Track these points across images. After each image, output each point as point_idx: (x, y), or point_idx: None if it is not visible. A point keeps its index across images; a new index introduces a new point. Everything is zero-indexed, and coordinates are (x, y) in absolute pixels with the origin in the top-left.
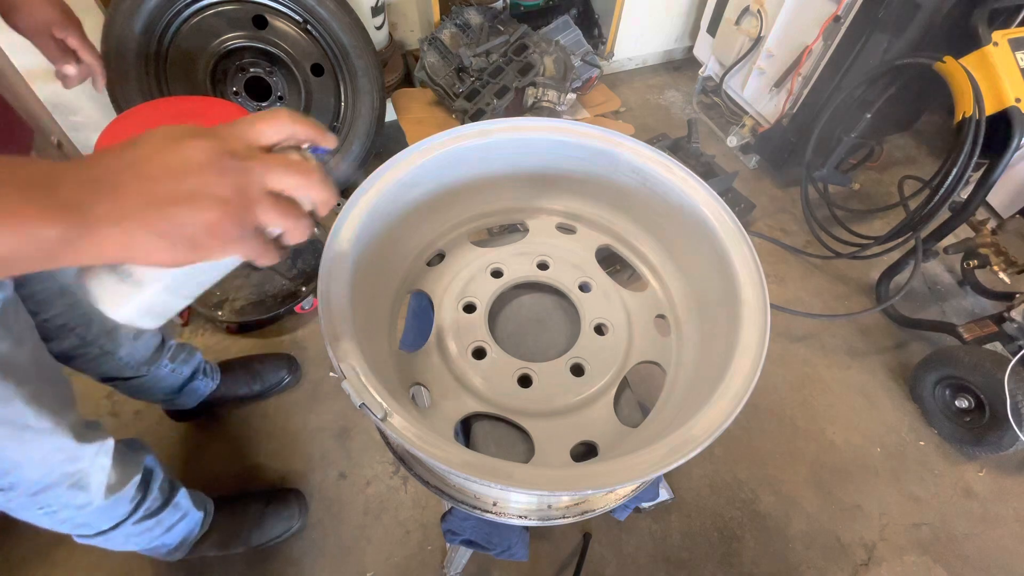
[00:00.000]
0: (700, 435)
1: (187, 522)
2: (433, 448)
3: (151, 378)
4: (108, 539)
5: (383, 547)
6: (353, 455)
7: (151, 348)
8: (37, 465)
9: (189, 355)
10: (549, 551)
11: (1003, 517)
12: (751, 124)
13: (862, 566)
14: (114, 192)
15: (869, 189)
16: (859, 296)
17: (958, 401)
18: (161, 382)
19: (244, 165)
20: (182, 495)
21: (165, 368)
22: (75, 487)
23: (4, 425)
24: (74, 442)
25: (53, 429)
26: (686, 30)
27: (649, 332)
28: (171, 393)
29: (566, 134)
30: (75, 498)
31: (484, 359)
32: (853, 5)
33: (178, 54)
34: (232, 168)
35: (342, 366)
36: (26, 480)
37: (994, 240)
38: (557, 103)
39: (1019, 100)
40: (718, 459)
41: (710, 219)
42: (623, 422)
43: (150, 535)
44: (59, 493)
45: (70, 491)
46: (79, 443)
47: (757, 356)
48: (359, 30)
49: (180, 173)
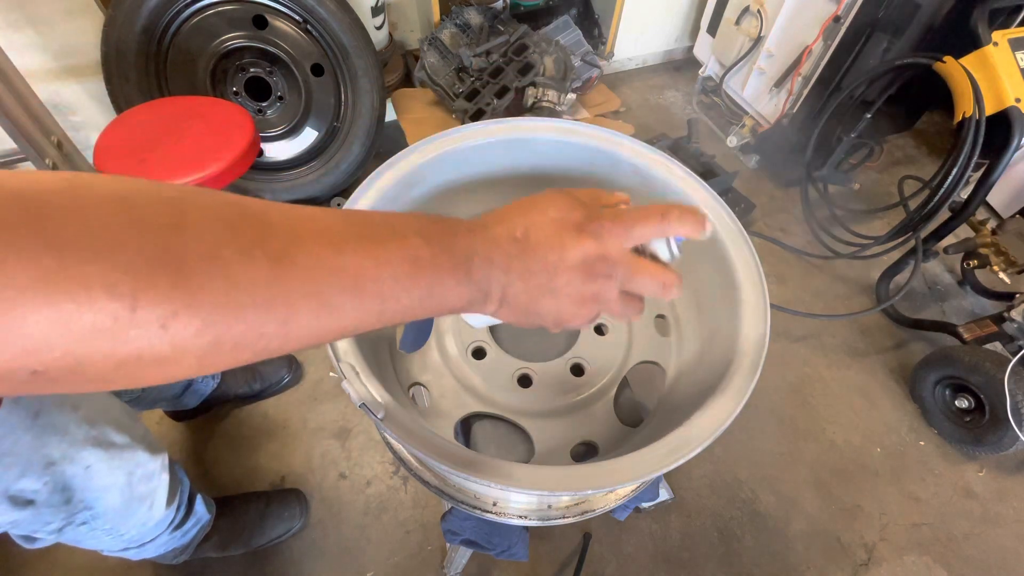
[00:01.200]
0: (700, 435)
1: (199, 526)
2: (433, 448)
3: (150, 394)
4: (142, 551)
5: (383, 547)
6: (353, 455)
7: None
8: (122, 488)
9: None
10: (549, 551)
11: (1003, 517)
12: (751, 124)
13: (862, 566)
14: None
15: (869, 189)
16: (859, 296)
17: (958, 401)
18: (163, 392)
19: (612, 272)
20: (198, 501)
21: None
22: (148, 506)
23: (96, 446)
24: (148, 455)
25: (131, 443)
26: (686, 30)
27: (649, 332)
28: (174, 397)
29: (566, 134)
30: (145, 516)
31: (484, 359)
32: (853, 5)
33: (178, 54)
34: (601, 275)
35: (342, 366)
36: (111, 509)
37: (994, 240)
38: (557, 103)
39: (1019, 100)
40: (718, 459)
41: (710, 219)
42: (623, 422)
43: (171, 542)
44: (137, 513)
45: (144, 511)
46: (151, 455)
47: (757, 356)
48: (359, 30)
49: (555, 272)
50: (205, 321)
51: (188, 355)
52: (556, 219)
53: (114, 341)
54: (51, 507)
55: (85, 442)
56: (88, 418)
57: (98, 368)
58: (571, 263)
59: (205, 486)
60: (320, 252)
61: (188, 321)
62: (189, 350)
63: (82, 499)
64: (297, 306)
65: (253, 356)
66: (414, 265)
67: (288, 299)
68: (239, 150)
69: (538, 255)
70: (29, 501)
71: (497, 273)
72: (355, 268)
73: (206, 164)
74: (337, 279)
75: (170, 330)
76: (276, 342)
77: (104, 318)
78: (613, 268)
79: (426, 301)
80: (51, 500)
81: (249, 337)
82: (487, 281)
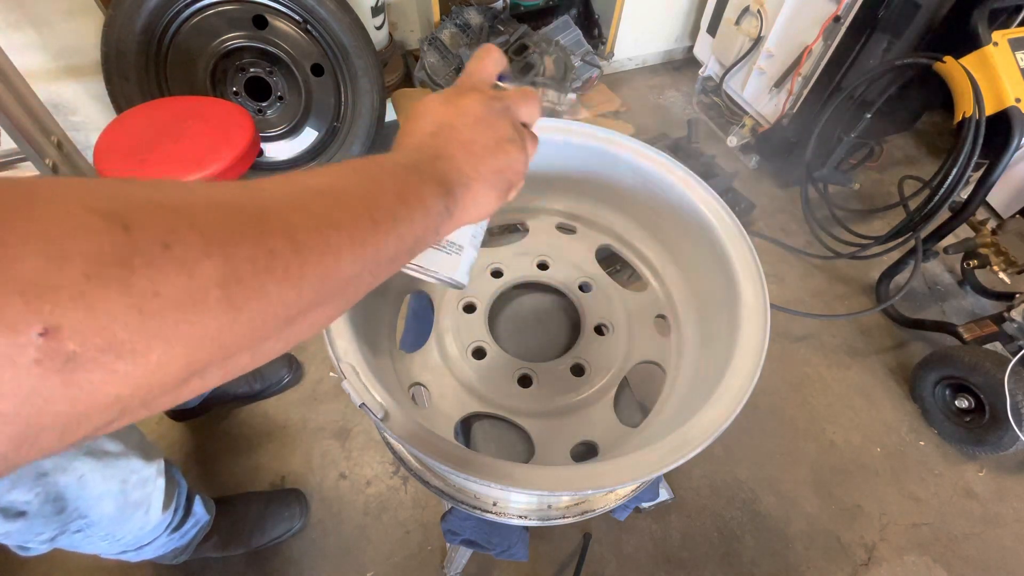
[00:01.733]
0: (700, 435)
1: (199, 527)
2: (433, 448)
3: None
4: (140, 553)
5: (383, 547)
6: (353, 455)
7: None
8: (116, 496)
9: None
10: (549, 551)
11: (1003, 517)
12: (751, 124)
13: (862, 566)
14: (455, 163)
15: (869, 189)
16: (859, 296)
17: (958, 401)
18: None
19: (504, 105)
20: (197, 502)
21: None
22: (144, 512)
23: (89, 456)
24: (142, 462)
25: (125, 451)
26: (686, 30)
27: (649, 332)
28: None
29: (566, 134)
30: (141, 522)
31: (484, 359)
32: (853, 5)
33: (178, 54)
34: (501, 111)
35: (342, 366)
36: (105, 516)
37: (994, 240)
38: (557, 103)
39: (1019, 100)
40: (718, 459)
41: (710, 219)
42: (623, 422)
43: (170, 543)
44: (133, 519)
45: (140, 516)
46: (146, 462)
47: (757, 356)
48: (359, 30)
49: (481, 129)
50: (207, 237)
51: (210, 287)
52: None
53: (120, 268)
54: (43, 517)
55: (78, 451)
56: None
57: (120, 321)
58: (482, 113)
59: (205, 486)
60: (276, 179)
61: (190, 237)
62: (206, 278)
63: (76, 508)
64: (287, 216)
65: (279, 291)
66: (366, 176)
67: (278, 211)
68: (239, 150)
69: (457, 126)
70: (20, 512)
71: (445, 162)
72: (318, 183)
73: (206, 164)
74: (307, 192)
75: (174, 247)
76: (294, 266)
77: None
78: (503, 103)
79: (408, 203)
80: (43, 511)
81: (261, 257)
82: (441, 172)
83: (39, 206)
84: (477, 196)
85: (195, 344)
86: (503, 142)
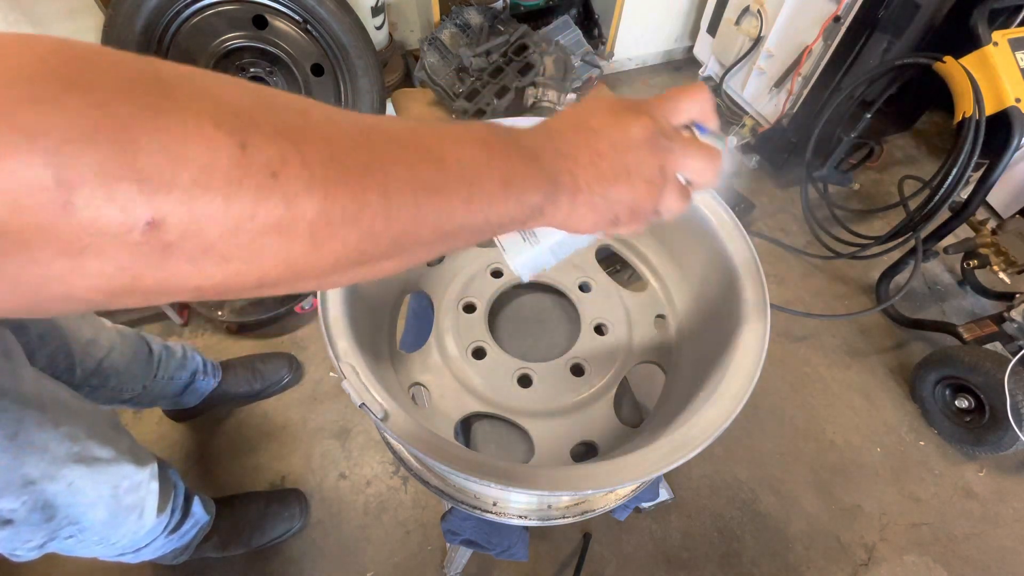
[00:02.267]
0: (700, 435)
1: (198, 527)
2: (433, 448)
3: (150, 393)
4: (139, 555)
5: (383, 547)
6: (353, 455)
7: (140, 367)
8: (107, 501)
9: (183, 360)
10: (549, 551)
11: (1003, 517)
12: (751, 124)
13: (862, 566)
14: (575, 165)
15: (869, 189)
16: (859, 296)
17: (958, 401)
18: (163, 391)
19: (670, 146)
20: (196, 503)
21: (162, 380)
22: (138, 516)
23: (78, 463)
24: (134, 467)
25: (116, 456)
26: (686, 30)
27: (649, 332)
28: (174, 397)
29: None
30: (135, 526)
31: (484, 359)
32: (853, 5)
33: (178, 54)
34: (662, 148)
35: (342, 366)
36: (98, 522)
37: (994, 240)
38: (557, 103)
39: (1019, 100)
40: (718, 459)
41: (710, 219)
42: (623, 422)
43: (169, 544)
44: (126, 523)
45: (134, 520)
46: (138, 467)
47: (757, 356)
48: (359, 30)
49: (623, 150)
50: (313, 175)
51: (301, 222)
52: (610, 106)
53: (227, 185)
54: (31, 525)
55: (67, 459)
56: (71, 435)
57: (216, 231)
58: (636, 139)
59: (205, 486)
60: (395, 126)
61: (298, 171)
62: (301, 214)
63: (67, 515)
64: (390, 172)
65: (358, 240)
66: (485, 149)
67: (382, 164)
68: None
69: (603, 136)
70: (7, 521)
71: (566, 162)
72: (434, 144)
73: None
74: (418, 151)
75: (280, 178)
76: (380, 222)
77: (217, 155)
78: (671, 143)
79: (508, 190)
80: (30, 519)
81: (353, 207)
82: (557, 170)
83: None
84: (576, 209)
85: (271, 264)
86: (637, 177)
